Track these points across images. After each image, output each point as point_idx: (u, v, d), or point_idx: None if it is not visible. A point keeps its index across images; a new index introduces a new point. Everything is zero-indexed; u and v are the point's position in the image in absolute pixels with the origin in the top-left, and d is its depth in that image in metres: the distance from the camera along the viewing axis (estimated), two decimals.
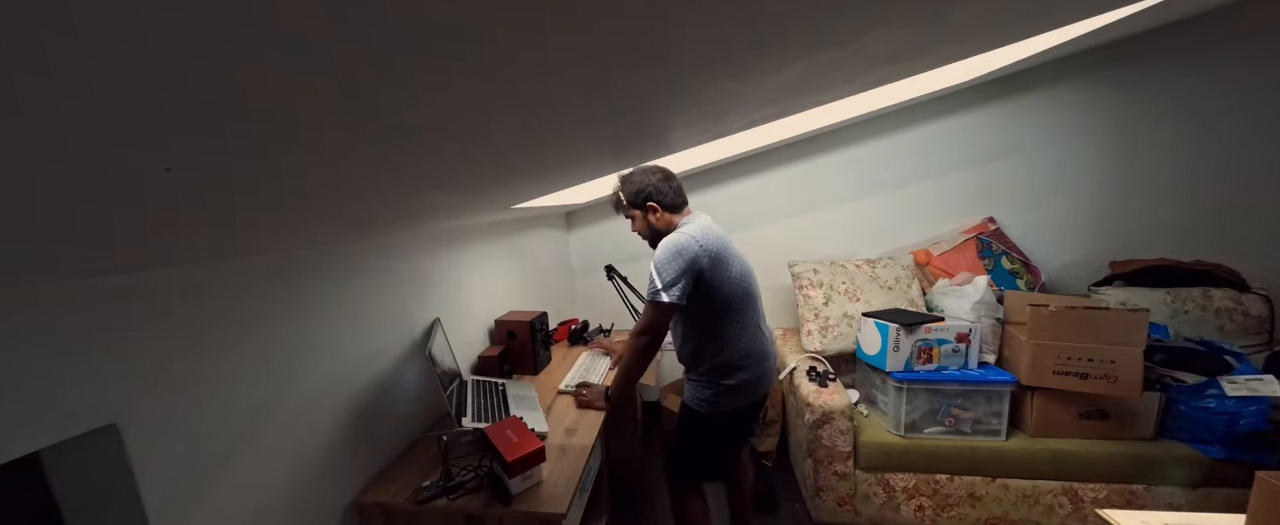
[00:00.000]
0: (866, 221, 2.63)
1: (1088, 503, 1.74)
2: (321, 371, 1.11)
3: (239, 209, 0.62)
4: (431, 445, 1.36)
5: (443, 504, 1.13)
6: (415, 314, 1.48)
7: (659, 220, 1.46)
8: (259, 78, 0.33)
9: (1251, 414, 1.59)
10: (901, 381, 1.82)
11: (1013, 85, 2.34)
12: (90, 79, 0.27)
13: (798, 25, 0.57)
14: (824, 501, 1.91)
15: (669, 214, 1.46)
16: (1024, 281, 2.25)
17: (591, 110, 0.69)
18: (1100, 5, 1.23)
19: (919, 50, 1.04)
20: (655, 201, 1.44)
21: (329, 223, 0.92)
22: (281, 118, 0.40)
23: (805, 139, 2.55)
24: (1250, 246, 2.16)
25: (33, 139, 0.31)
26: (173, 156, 0.40)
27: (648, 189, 1.44)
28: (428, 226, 1.48)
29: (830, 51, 0.76)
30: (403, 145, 0.58)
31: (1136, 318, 1.66)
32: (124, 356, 0.72)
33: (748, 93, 0.92)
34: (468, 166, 0.80)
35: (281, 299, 1.01)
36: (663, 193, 1.44)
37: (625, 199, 1.48)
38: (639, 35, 0.45)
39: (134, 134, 0.35)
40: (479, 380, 1.66)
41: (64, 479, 0.64)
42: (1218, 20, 2.05)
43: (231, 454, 0.89)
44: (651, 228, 1.48)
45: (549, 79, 0.50)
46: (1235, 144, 2.16)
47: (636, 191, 1.45)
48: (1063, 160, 2.38)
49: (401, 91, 0.42)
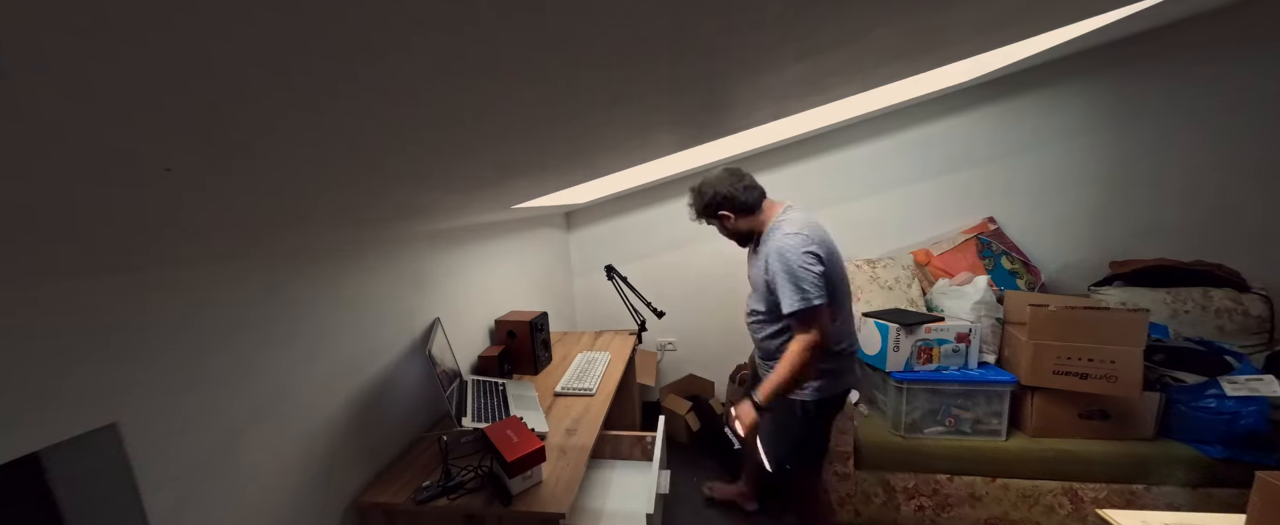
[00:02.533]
0: (866, 221, 2.63)
1: (1088, 503, 1.74)
2: (321, 371, 1.11)
3: (239, 209, 0.62)
4: (431, 445, 1.36)
5: (443, 504, 1.13)
6: (415, 314, 1.48)
7: (738, 224, 1.48)
8: (258, 77, 0.33)
9: (1251, 414, 1.59)
10: (901, 381, 1.82)
11: (1013, 85, 2.34)
12: (89, 77, 0.27)
13: (798, 26, 0.57)
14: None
15: (746, 216, 1.46)
16: (1024, 281, 2.25)
17: (592, 111, 0.69)
18: (1100, 5, 1.23)
19: (919, 50, 1.04)
20: (727, 209, 1.46)
21: (329, 223, 0.92)
22: (281, 117, 0.40)
23: (805, 139, 2.55)
24: (1250, 246, 2.16)
25: (32, 140, 0.31)
26: (172, 156, 0.40)
27: (716, 199, 1.45)
28: (428, 226, 1.48)
29: (831, 51, 0.76)
30: (403, 143, 0.57)
31: (1136, 318, 1.66)
32: (124, 356, 0.72)
33: (748, 92, 0.92)
34: (468, 166, 0.80)
35: (281, 299, 1.00)
36: (732, 197, 1.44)
37: (698, 212, 1.51)
38: (641, 34, 0.45)
39: (133, 133, 0.35)
40: (479, 380, 1.66)
41: (64, 479, 0.64)
42: (1217, 20, 2.05)
43: (231, 454, 0.89)
44: (734, 232, 1.50)
45: (550, 79, 0.50)
46: (1235, 144, 2.16)
47: (706, 204, 1.48)
48: (1063, 160, 2.38)
49: (402, 89, 0.42)
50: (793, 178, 2.66)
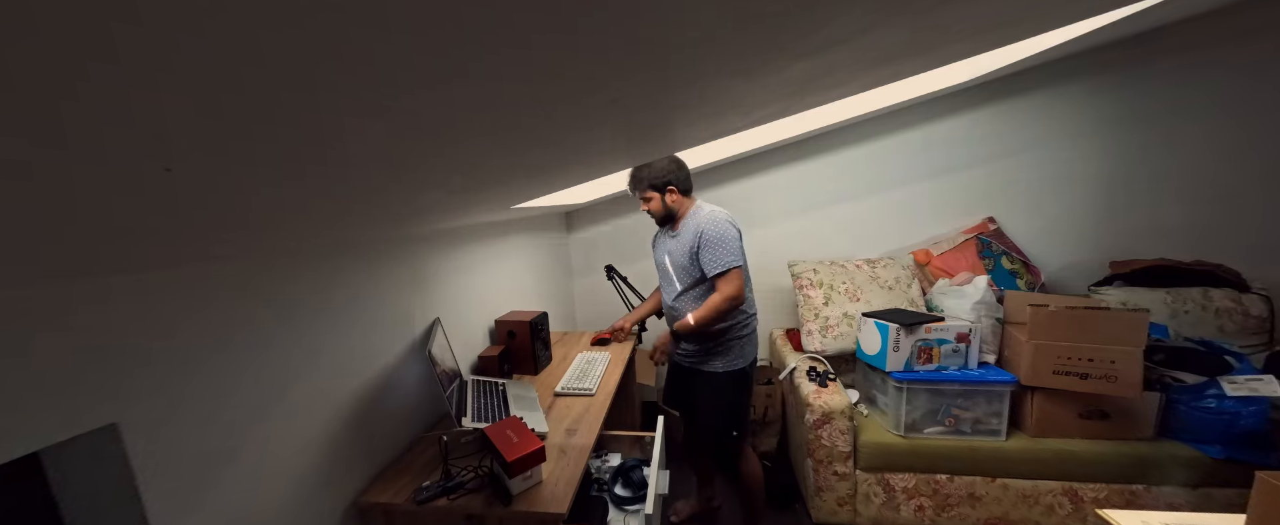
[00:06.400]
0: (866, 221, 2.63)
1: (1088, 503, 1.74)
2: (321, 371, 1.11)
3: (239, 210, 0.62)
4: (431, 445, 1.36)
5: (443, 504, 1.13)
6: (415, 314, 1.48)
7: (674, 202, 1.71)
8: (257, 75, 0.33)
9: (1251, 414, 1.59)
10: (902, 381, 1.82)
11: (1013, 85, 2.34)
12: (88, 74, 0.27)
13: (799, 26, 0.57)
14: (824, 501, 1.91)
15: (683, 197, 1.72)
16: (1024, 281, 2.25)
17: (592, 111, 0.69)
18: (1100, 5, 1.23)
19: (919, 50, 1.04)
20: (674, 185, 1.69)
21: (330, 223, 0.92)
22: (282, 118, 0.40)
23: (805, 139, 2.55)
24: (1250, 246, 2.16)
25: (32, 143, 0.31)
26: (172, 156, 0.40)
27: (668, 175, 1.68)
28: (428, 226, 1.48)
29: (831, 51, 0.76)
30: (408, 144, 0.57)
31: (1136, 318, 1.66)
32: (124, 356, 0.72)
33: (748, 92, 0.91)
34: (471, 166, 0.80)
35: (282, 299, 1.00)
36: (681, 179, 1.70)
37: (646, 181, 1.69)
38: (640, 34, 0.45)
39: (133, 133, 0.35)
40: (479, 380, 1.66)
41: (64, 479, 0.64)
42: (1217, 21, 2.05)
43: (232, 454, 0.89)
44: (666, 208, 1.72)
45: (556, 80, 0.50)
46: (1235, 144, 2.16)
47: (659, 174, 1.68)
48: (1063, 160, 2.38)
49: (407, 90, 0.42)
50: (793, 178, 2.66)
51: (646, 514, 1.25)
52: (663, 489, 1.64)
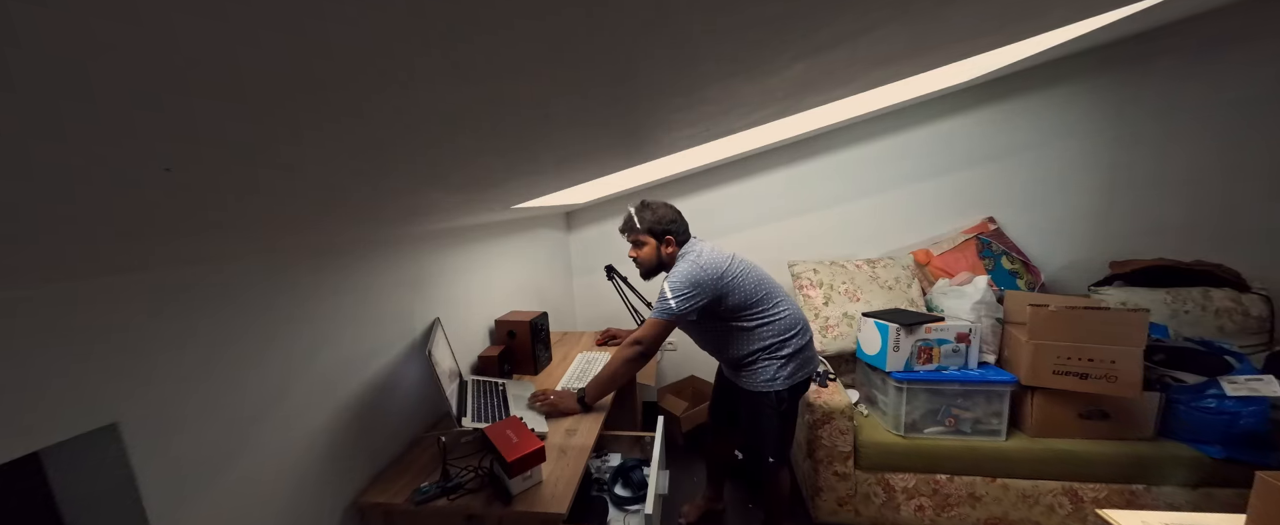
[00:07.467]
0: (866, 221, 2.63)
1: (1088, 503, 1.74)
2: (321, 371, 1.11)
3: (240, 210, 0.62)
4: (431, 445, 1.36)
5: (443, 504, 1.13)
6: (415, 314, 1.48)
7: (669, 255, 1.54)
8: (256, 75, 0.33)
9: (1251, 414, 1.59)
10: (902, 381, 1.82)
11: (1013, 85, 2.34)
12: (87, 72, 0.27)
13: (799, 26, 0.57)
14: (824, 501, 1.91)
15: (675, 250, 1.54)
16: (1024, 281, 2.25)
17: (592, 110, 0.69)
18: (1100, 5, 1.23)
19: (919, 50, 1.04)
20: (672, 236, 1.53)
21: (330, 223, 0.92)
22: (282, 116, 0.40)
23: (805, 139, 2.55)
24: (1250, 246, 2.16)
25: (33, 140, 0.31)
26: (172, 156, 0.40)
27: (667, 223, 1.53)
28: (428, 226, 1.48)
29: (831, 51, 0.76)
30: (407, 142, 0.57)
31: (1136, 318, 1.66)
32: (124, 356, 0.72)
33: (748, 92, 0.91)
34: (470, 165, 0.80)
35: (281, 299, 1.00)
36: (681, 231, 1.55)
37: (643, 226, 1.54)
38: (640, 36, 0.45)
39: (132, 132, 0.35)
40: (479, 380, 1.66)
41: (64, 479, 0.64)
42: (1217, 20, 2.05)
43: (231, 454, 0.89)
44: (660, 259, 1.56)
45: (552, 78, 0.50)
46: (1234, 144, 2.16)
47: (658, 220, 1.53)
48: (1063, 160, 2.37)
49: (404, 88, 0.42)
50: (793, 178, 2.66)
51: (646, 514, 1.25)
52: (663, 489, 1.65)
